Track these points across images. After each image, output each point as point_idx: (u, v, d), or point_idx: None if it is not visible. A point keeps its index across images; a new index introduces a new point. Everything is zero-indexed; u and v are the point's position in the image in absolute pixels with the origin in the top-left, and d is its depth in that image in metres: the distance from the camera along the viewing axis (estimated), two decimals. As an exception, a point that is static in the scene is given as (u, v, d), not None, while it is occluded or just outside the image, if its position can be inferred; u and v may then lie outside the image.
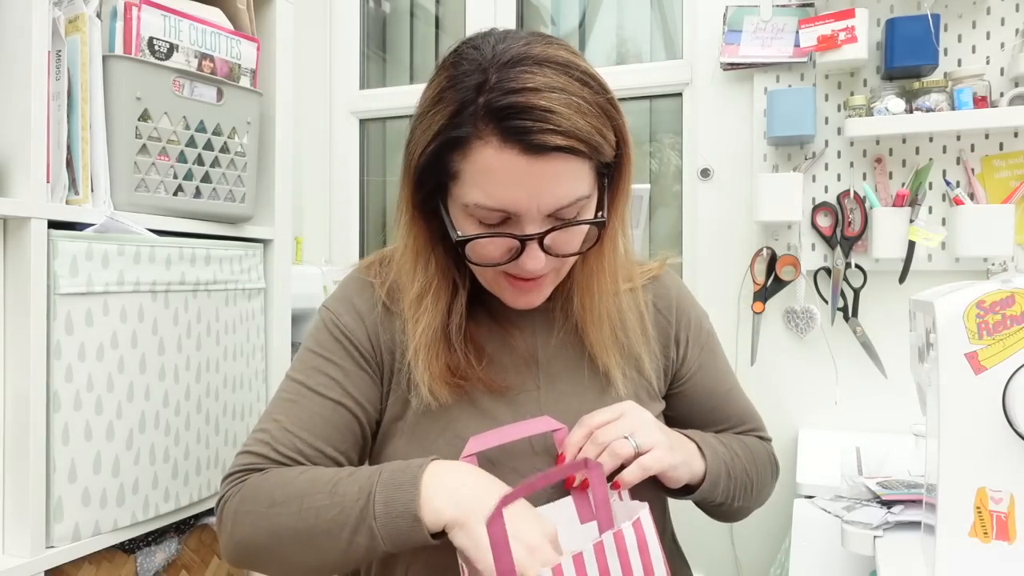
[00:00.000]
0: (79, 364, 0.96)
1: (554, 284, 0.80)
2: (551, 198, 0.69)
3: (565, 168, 0.68)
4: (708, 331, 0.94)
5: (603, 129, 0.70)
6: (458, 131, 0.68)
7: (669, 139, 1.94)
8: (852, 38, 1.49)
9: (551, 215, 0.71)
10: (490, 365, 0.81)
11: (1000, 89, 1.48)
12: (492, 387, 0.80)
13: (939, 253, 1.53)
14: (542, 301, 0.79)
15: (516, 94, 0.66)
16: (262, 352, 1.28)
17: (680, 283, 0.94)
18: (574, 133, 0.67)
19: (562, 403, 0.81)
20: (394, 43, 2.29)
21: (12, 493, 0.93)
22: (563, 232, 0.72)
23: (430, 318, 0.78)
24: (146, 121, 1.06)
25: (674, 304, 0.90)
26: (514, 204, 0.69)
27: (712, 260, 1.74)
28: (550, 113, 0.66)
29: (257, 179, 1.26)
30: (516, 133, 0.66)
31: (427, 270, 0.78)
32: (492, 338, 0.83)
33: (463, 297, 0.79)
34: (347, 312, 0.83)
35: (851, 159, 1.60)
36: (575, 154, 0.68)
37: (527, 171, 0.67)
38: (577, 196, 0.70)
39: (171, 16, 1.08)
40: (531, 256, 0.71)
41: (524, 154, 0.66)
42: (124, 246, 1.01)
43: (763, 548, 1.67)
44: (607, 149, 0.72)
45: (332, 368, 0.81)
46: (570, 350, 0.84)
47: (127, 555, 1.06)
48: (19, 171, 0.93)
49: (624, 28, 2.02)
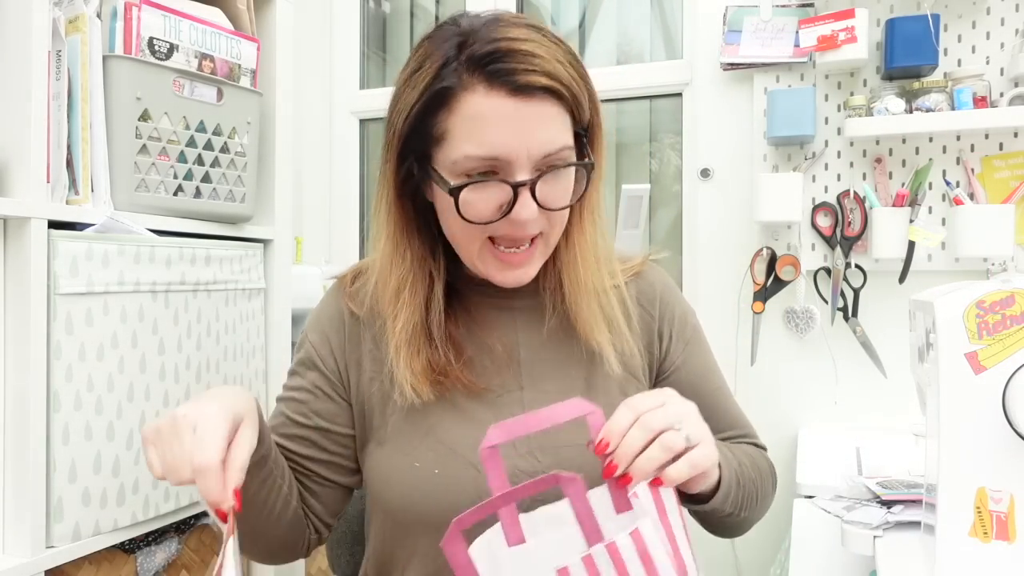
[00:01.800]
0: (79, 364, 0.96)
1: (542, 258, 0.78)
2: (539, 143, 0.70)
3: (551, 112, 0.70)
4: (694, 327, 0.91)
5: (580, 84, 0.72)
6: (443, 83, 0.69)
7: (669, 139, 1.94)
8: (852, 38, 1.49)
9: (539, 163, 0.71)
10: (468, 365, 0.80)
11: (1000, 89, 1.48)
12: (471, 388, 0.79)
13: (939, 253, 1.53)
14: (530, 278, 0.78)
15: (497, 41, 0.69)
16: (262, 352, 1.28)
17: (665, 278, 0.92)
18: (557, 76, 0.69)
19: (546, 403, 0.80)
20: (394, 43, 2.29)
21: (12, 493, 0.93)
22: (553, 182, 0.72)
23: (408, 313, 0.78)
24: (146, 121, 1.06)
25: (657, 298, 0.88)
26: (504, 149, 0.69)
27: (712, 260, 1.74)
28: (533, 56, 0.68)
29: (257, 179, 1.26)
30: (502, 75, 0.68)
31: (404, 261, 0.79)
32: (471, 339, 0.82)
33: (439, 290, 0.80)
34: (314, 330, 0.87)
35: (851, 159, 1.60)
36: (559, 98, 0.70)
37: (515, 113, 0.68)
38: (563, 144, 0.72)
39: (171, 16, 1.08)
40: (524, 205, 0.70)
41: (511, 96, 0.68)
42: (124, 246, 1.01)
43: (763, 548, 1.67)
44: (585, 107, 0.74)
45: (297, 389, 0.85)
46: (559, 344, 0.83)
47: (127, 555, 1.06)
48: (19, 171, 0.93)
49: (624, 28, 2.02)
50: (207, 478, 0.61)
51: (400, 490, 0.78)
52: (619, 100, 1.98)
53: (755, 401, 1.67)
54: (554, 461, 0.77)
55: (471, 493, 0.75)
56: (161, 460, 0.64)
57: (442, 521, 0.76)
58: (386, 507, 0.81)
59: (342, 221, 2.20)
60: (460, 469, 0.76)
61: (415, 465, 0.77)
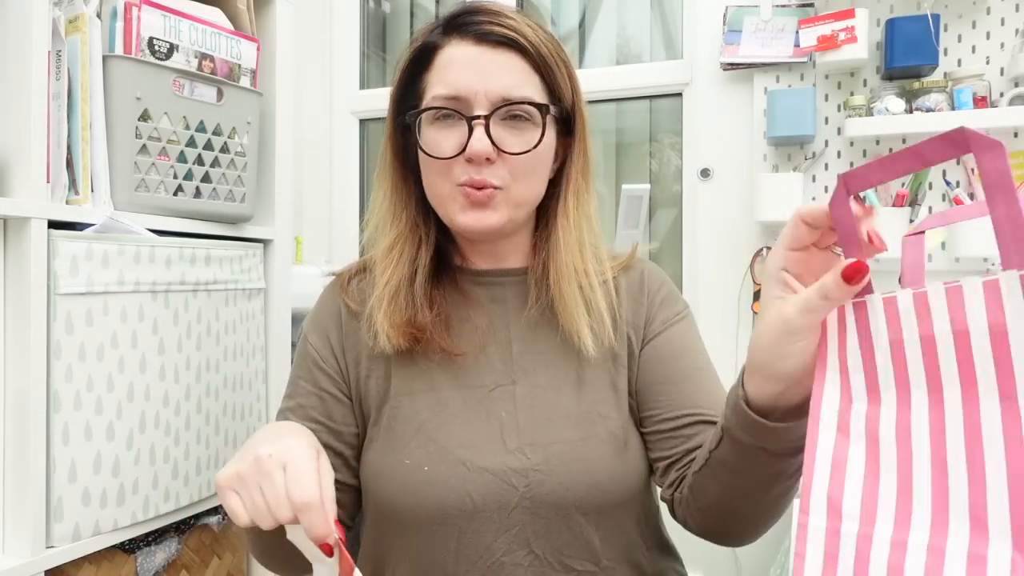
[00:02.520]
0: (79, 364, 0.96)
1: (506, 210, 0.78)
2: (498, 84, 0.75)
3: (513, 62, 0.76)
4: (681, 313, 0.87)
5: (555, 57, 0.78)
6: (425, 42, 0.79)
7: (669, 139, 1.94)
8: (852, 38, 1.49)
9: (497, 104, 0.75)
10: (446, 327, 0.82)
11: (1000, 89, 1.48)
12: (448, 350, 0.80)
13: (939, 253, 1.53)
14: (492, 223, 0.77)
15: (474, 4, 0.78)
16: (262, 352, 1.28)
17: (653, 268, 0.90)
18: (521, 31, 0.76)
19: (538, 398, 0.80)
20: (394, 43, 2.29)
21: (12, 493, 0.93)
22: (513, 129, 0.76)
23: (394, 270, 0.81)
24: (146, 121, 1.06)
25: (644, 285, 0.87)
26: (464, 86, 0.75)
27: (712, 260, 1.74)
28: (500, 14, 0.77)
29: (257, 179, 1.26)
30: (468, 26, 0.76)
31: (399, 223, 0.84)
32: (453, 307, 0.84)
33: (426, 253, 0.83)
34: (313, 330, 0.87)
35: (851, 159, 1.60)
36: (523, 53, 0.76)
37: (477, 57, 0.75)
38: (525, 95, 0.76)
39: (171, 16, 1.08)
40: (477, 139, 0.74)
41: (476, 43, 0.76)
42: (124, 246, 1.01)
43: (763, 548, 1.67)
44: (561, 84, 0.79)
45: (299, 393, 0.85)
46: (546, 332, 0.83)
47: (127, 555, 1.06)
48: (19, 171, 0.93)
49: (624, 28, 2.02)
50: (312, 514, 0.59)
51: (389, 487, 0.78)
52: (619, 100, 1.98)
53: (755, 401, 1.67)
54: (543, 458, 0.76)
55: (459, 491, 0.75)
56: (250, 504, 0.61)
57: (430, 519, 0.76)
58: (376, 504, 0.81)
59: (342, 221, 2.20)
60: (449, 467, 0.76)
61: (405, 462, 0.77)
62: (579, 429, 0.78)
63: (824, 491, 0.51)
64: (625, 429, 0.81)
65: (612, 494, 0.77)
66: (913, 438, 0.49)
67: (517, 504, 0.75)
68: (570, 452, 0.77)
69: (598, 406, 0.80)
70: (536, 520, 0.75)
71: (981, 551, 0.45)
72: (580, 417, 0.79)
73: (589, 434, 0.78)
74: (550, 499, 0.76)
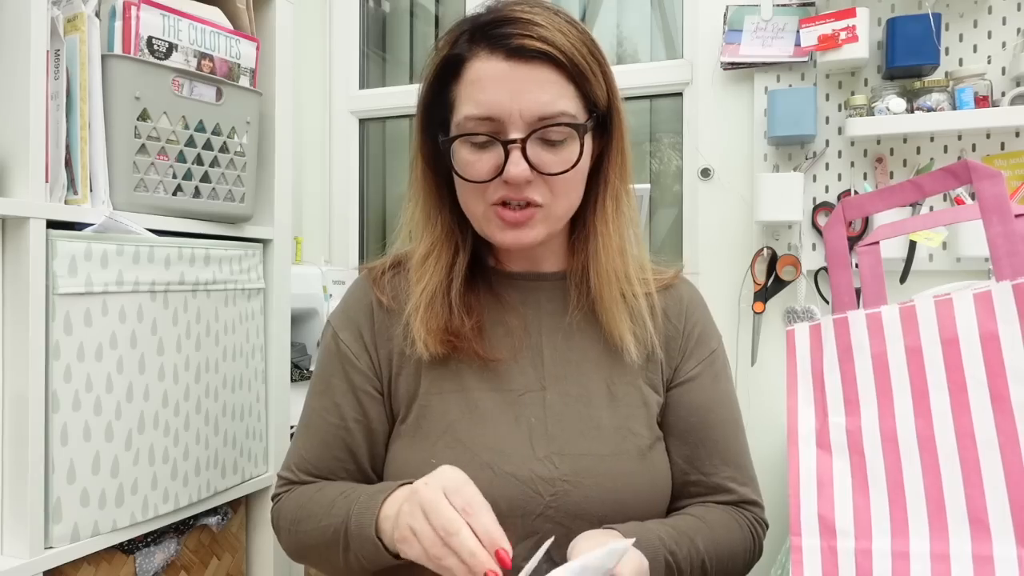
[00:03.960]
0: (78, 364, 0.96)
1: (544, 227, 0.77)
2: (533, 103, 0.71)
3: (547, 76, 0.72)
4: (715, 352, 0.87)
5: (588, 60, 0.74)
6: (452, 52, 0.75)
7: (669, 139, 1.94)
8: (853, 37, 1.48)
9: (533, 125, 0.72)
10: (481, 333, 0.81)
11: (1001, 88, 1.47)
12: (483, 357, 0.80)
13: (940, 253, 1.53)
14: (530, 240, 0.76)
15: (500, 11, 0.74)
16: (261, 352, 1.28)
17: (694, 294, 0.90)
18: (554, 43, 0.72)
19: (569, 407, 0.79)
20: (394, 43, 2.28)
21: (11, 494, 0.92)
22: (550, 147, 0.73)
23: (431, 277, 0.80)
24: (145, 121, 1.05)
25: (684, 312, 0.86)
26: (497, 107, 0.72)
27: (712, 260, 1.73)
28: (532, 24, 0.72)
29: (257, 179, 1.26)
30: (500, 39, 0.72)
31: (435, 229, 0.82)
32: (489, 311, 0.83)
33: (463, 260, 0.82)
34: (345, 327, 0.86)
35: (852, 159, 1.59)
36: (556, 65, 0.72)
37: (509, 75, 0.72)
38: (561, 110, 0.72)
39: (170, 16, 1.08)
40: (514, 163, 0.72)
41: (507, 59, 0.72)
42: (123, 246, 1.01)
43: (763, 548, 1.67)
44: (597, 88, 0.75)
45: (334, 391, 0.84)
46: (583, 340, 0.82)
47: (126, 556, 1.05)
48: (18, 171, 0.93)
49: (624, 28, 2.02)
50: None
51: None
52: (619, 100, 1.98)
53: (755, 401, 1.67)
54: (571, 469, 0.76)
55: (484, 494, 0.73)
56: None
57: None
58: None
59: (341, 221, 2.19)
60: (475, 470, 0.74)
61: (431, 462, 0.76)
62: (609, 443, 0.78)
63: (814, 510, 0.51)
64: (653, 447, 0.81)
65: (635, 510, 0.77)
66: (901, 447, 0.50)
67: (541, 512, 0.75)
68: (599, 466, 0.77)
69: (629, 422, 0.80)
70: (558, 529, 0.75)
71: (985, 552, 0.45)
72: (611, 431, 0.79)
73: (619, 450, 0.78)
74: (575, 510, 0.75)
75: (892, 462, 0.50)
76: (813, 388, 0.54)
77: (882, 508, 0.49)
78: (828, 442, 0.53)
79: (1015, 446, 0.45)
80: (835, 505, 0.51)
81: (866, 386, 0.52)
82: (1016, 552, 0.44)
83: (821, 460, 0.52)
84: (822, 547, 0.51)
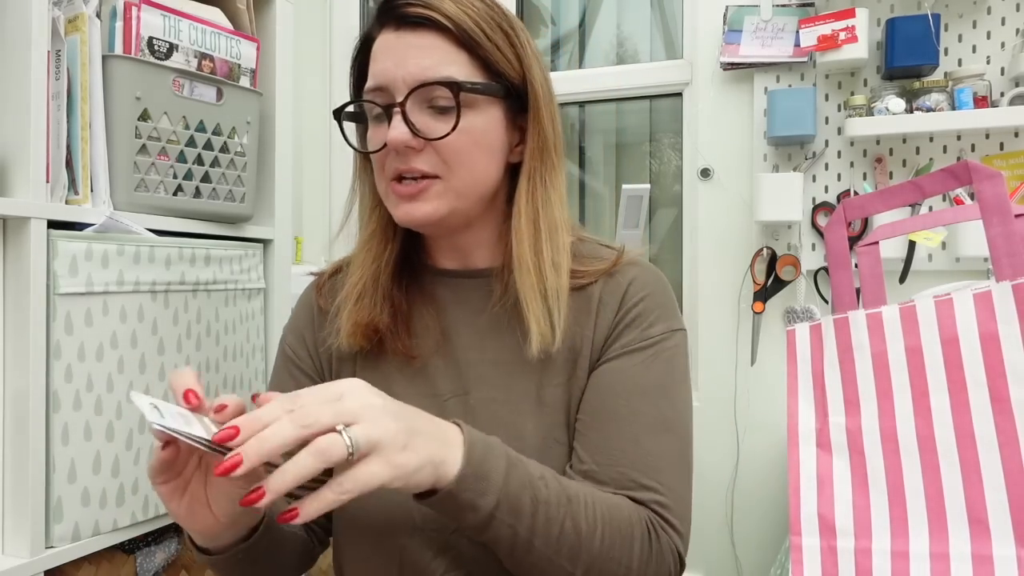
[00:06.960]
0: (79, 364, 0.96)
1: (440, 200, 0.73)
2: (415, 67, 0.71)
3: (433, 43, 0.71)
4: (657, 340, 0.75)
5: (488, 28, 0.72)
6: (364, 34, 0.77)
7: (669, 139, 1.94)
8: (852, 38, 1.49)
9: (414, 90, 0.70)
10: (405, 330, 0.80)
11: (1000, 89, 1.48)
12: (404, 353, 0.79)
13: (939, 253, 1.53)
14: (425, 216, 0.73)
15: None
16: (262, 352, 1.28)
17: (645, 277, 0.78)
18: (440, 9, 0.70)
19: (495, 414, 0.75)
20: (394, 43, 2.28)
21: (12, 493, 0.93)
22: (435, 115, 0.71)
23: (362, 271, 0.80)
24: (146, 121, 1.05)
25: (622, 296, 0.76)
26: (383, 75, 0.72)
27: (712, 260, 1.73)
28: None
29: (257, 179, 1.26)
30: (389, 11, 0.73)
31: (371, 223, 0.82)
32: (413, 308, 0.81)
33: (392, 253, 0.81)
34: (291, 331, 0.88)
35: (851, 159, 1.60)
36: (441, 30, 0.71)
37: (396, 43, 0.72)
38: (445, 75, 0.70)
39: (171, 16, 1.08)
40: (394, 126, 0.70)
41: (396, 29, 0.72)
42: (124, 246, 1.01)
43: (763, 548, 1.67)
44: (497, 55, 0.73)
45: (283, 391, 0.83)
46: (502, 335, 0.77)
47: (127, 555, 1.06)
48: (19, 171, 0.93)
49: (624, 28, 2.02)
50: None
51: None
52: (619, 100, 1.98)
53: (755, 401, 1.67)
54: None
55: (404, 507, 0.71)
56: None
57: (378, 532, 0.74)
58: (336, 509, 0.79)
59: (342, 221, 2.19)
60: None
61: None
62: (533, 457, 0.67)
63: (813, 509, 0.52)
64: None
65: None
66: (901, 446, 0.50)
67: (456, 528, 0.71)
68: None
69: (554, 431, 0.75)
70: (474, 545, 0.70)
71: (985, 551, 0.45)
72: (536, 442, 0.73)
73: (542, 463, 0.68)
74: None
75: (892, 462, 0.50)
76: (813, 388, 0.55)
77: (882, 508, 0.50)
78: (828, 442, 0.53)
79: (1015, 446, 0.46)
80: (835, 505, 0.51)
81: (866, 386, 0.52)
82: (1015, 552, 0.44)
83: (821, 460, 0.53)
84: (822, 546, 0.51)
